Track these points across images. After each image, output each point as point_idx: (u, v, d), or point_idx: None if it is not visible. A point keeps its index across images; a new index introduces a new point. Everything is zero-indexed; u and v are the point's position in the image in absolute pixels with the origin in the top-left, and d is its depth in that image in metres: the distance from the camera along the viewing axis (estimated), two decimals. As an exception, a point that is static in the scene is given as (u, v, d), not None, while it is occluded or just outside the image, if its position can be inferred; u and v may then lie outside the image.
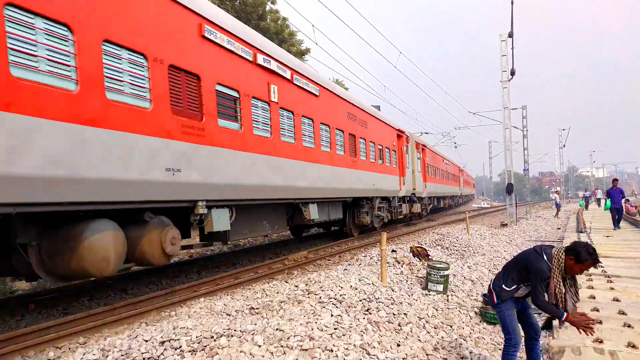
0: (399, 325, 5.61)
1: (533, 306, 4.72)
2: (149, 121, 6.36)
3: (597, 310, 5.88)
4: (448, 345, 5.35)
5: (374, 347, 4.76)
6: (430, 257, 9.12)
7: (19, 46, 4.88)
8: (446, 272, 7.32)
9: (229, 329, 4.81)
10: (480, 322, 6.52)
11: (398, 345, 5.07)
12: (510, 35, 20.12)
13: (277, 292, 6.54)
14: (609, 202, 16.89)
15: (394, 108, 33.00)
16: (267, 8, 25.22)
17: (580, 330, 3.81)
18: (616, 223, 16.81)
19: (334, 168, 12.96)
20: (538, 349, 4.44)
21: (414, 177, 22.56)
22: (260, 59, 9.10)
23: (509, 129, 21.59)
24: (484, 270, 9.50)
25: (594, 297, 6.47)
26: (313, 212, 11.80)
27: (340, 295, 6.07)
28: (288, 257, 11.61)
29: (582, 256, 3.75)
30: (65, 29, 5.32)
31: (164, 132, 6.61)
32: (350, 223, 15.79)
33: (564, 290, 3.88)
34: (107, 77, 5.79)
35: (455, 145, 47.80)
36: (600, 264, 3.84)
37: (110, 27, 5.87)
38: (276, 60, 9.78)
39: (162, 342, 4.54)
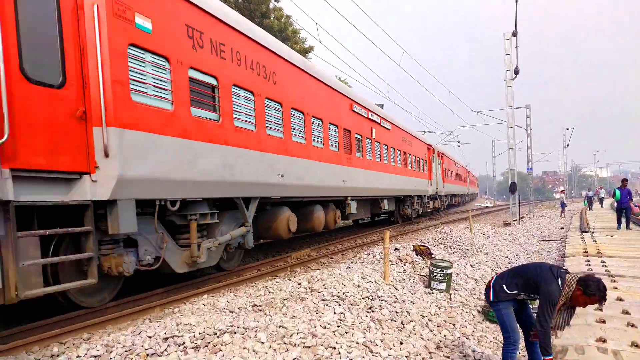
0: (402, 323, 5.61)
1: (532, 306, 4.73)
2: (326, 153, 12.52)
3: (601, 310, 5.86)
4: (451, 344, 5.35)
5: (377, 345, 4.76)
6: (433, 256, 9.11)
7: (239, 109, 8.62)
8: (449, 271, 7.32)
9: (232, 325, 4.82)
10: (483, 320, 6.52)
11: (401, 343, 5.07)
12: (514, 34, 20.02)
13: (280, 290, 6.55)
14: (618, 192, 16.36)
15: (397, 107, 33.00)
16: (271, 6, 25.20)
17: None
18: (620, 223, 16.51)
19: (397, 176, 19.72)
20: (537, 347, 4.44)
21: (437, 179, 28.78)
22: (370, 114, 16.14)
23: (512, 128, 21.51)
24: (487, 269, 9.49)
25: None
26: (384, 205, 18.81)
27: (343, 293, 6.07)
28: (291, 255, 11.63)
29: (591, 289, 3.71)
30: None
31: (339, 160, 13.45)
32: (397, 214, 22.57)
33: (564, 317, 3.92)
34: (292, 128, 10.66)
35: (459, 144, 47.78)
36: (604, 302, 3.79)
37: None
38: (375, 113, 16.87)
39: (166, 339, 4.56)
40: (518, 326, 4.32)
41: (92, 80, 5.54)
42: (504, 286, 4.22)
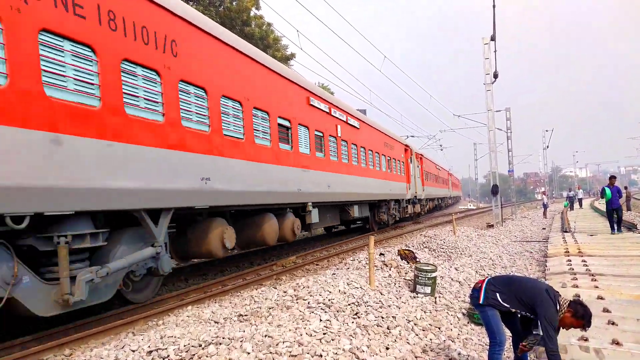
0: (388, 328, 5.62)
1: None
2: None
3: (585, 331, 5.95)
4: (437, 347, 5.38)
5: (363, 351, 4.76)
6: (417, 260, 9.16)
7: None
8: (434, 274, 7.36)
9: (217, 336, 4.77)
10: (468, 323, 6.56)
11: (387, 348, 5.08)
12: (493, 38, 20.35)
13: (266, 298, 6.51)
14: (608, 190, 14.53)
15: (379, 112, 33.26)
16: (252, 14, 25.22)
17: None
18: (614, 225, 14.80)
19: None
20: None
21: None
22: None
23: (493, 131, 21.82)
24: (471, 272, 9.57)
25: (578, 296, 6.55)
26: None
27: (329, 299, 6.06)
28: (276, 263, 11.59)
29: (579, 314, 3.85)
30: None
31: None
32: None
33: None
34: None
35: (441, 148, 48.22)
36: (588, 328, 3.89)
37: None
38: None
39: (150, 352, 4.50)
40: (504, 327, 4.33)
41: None
42: (498, 295, 4.15)
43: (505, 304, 4.12)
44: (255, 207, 10.29)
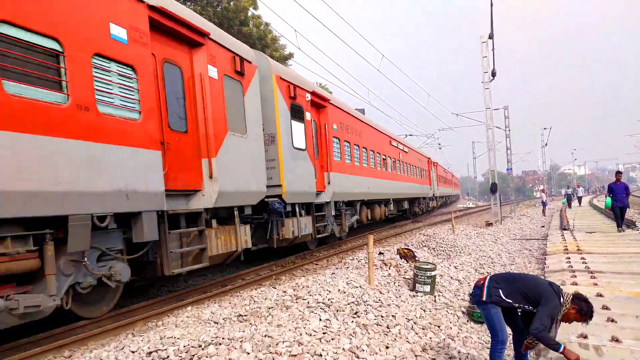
0: (388, 327, 5.63)
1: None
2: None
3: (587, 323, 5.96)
4: (436, 346, 5.38)
5: (363, 350, 4.76)
6: (417, 259, 9.17)
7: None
8: (433, 273, 7.37)
9: (217, 337, 4.77)
10: (467, 321, 6.56)
11: (387, 347, 5.08)
12: (491, 36, 20.36)
13: (265, 298, 6.51)
14: (609, 199, 14.24)
15: (378, 111, 33.41)
16: (249, 13, 25.19)
17: None
18: (621, 223, 14.13)
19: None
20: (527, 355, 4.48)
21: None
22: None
23: (491, 129, 21.83)
24: (470, 270, 9.58)
25: (578, 293, 6.56)
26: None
27: (329, 299, 6.07)
28: (276, 263, 11.59)
29: (584, 311, 3.96)
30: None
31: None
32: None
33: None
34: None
35: (440, 147, 48.27)
36: (589, 321, 3.96)
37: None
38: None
39: (149, 353, 4.50)
40: (506, 325, 4.33)
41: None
42: (501, 292, 4.15)
43: (509, 300, 4.13)
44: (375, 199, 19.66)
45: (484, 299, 4.24)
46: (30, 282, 5.26)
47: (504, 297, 4.15)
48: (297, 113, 11.85)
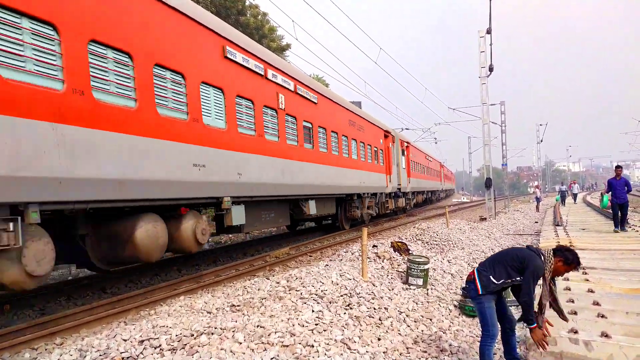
0: (380, 319, 5.65)
1: (509, 299, 4.80)
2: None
3: (573, 302, 6.01)
4: (428, 339, 5.41)
5: (355, 342, 4.79)
6: (410, 252, 9.20)
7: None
8: (426, 266, 7.40)
9: (210, 326, 4.78)
10: (459, 315, 6.61)
11: (379, 339, 5.11)
12: (489, 31, 20.31)
13: (259, 289, 6.52)
14: (606, 197, 13.35)
15: (374, 104, 33.31)
16: (247, 3, 25.01)
17: (536, 343, 4.13)
18: (619, 222, 12.98)
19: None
20: (514, 340, 4.52)
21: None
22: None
23: (487, 124, 21.85)
24: (463, 264, 9.63)
25: (569, 289, 6.61)
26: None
27: (322, 290, 6.08)
28: (270, 254, 11.59)
29: (570, 259, 4.10)
30: None
31: None
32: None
33: (555, 288, 4.21)
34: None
35: (436, 141, 48.31)
36: (580, 267, 4.08)
37: None
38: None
39: (141, 341, 4.50)
40: (497, 320, 4.37)
41: None
42: (491, 277, 4.20)
43: (501, 280, 4.18)
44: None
45: (480, 292, 4.25)
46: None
47: (495, 281, 4.20)
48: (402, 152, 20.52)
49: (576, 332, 4.91)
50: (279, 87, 11.10)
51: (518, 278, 4.15)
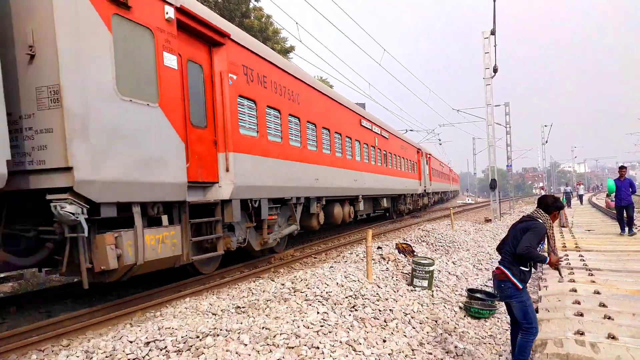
0: (385, 321, 5.64)
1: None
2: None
3: (579, 303, 5.99)
4: (433, 340, 5.40)
5: (360, 344, 4.78)
6: (415, 253, 9.18)
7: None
8: (431, 268, 7.38)
9: (215, 328, 4.79)
10: (464, 316, 6.59)
11: (384, 341, 5.10)
12: (493, 32, 20.28)
13: (263, 291, 6.52)
14: (610, 180, 12.68)
15: (378, 106, 33.38)
16: (251, 5, 25.09)
17: (555, 268, 4.40)
18: (624, 226, 12.57)
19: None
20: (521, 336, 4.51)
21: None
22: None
23: (492, 125, 21.80)
24: (468, 266, 9.60)
25: (575, 290, 6.58)
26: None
27: (327, 292, 6.08)
28: (274, 256, 11.60)
29: (554, 206, 4.43)
30: None
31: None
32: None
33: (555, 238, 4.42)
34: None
35: (440, 142, 48.21)
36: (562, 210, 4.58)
37: None
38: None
39: (147, 343, 4.51)
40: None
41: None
42: (521, 267, 4.21)
43: (528, 266, 4.26)
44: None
45: (521, 287, 4.19)
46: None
47: (525, 269, 4.23)
48: (426, 162, 30.26)
49: (582, 333, 4.89)
50: (376, 134, 20.07)
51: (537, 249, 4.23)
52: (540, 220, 4.31)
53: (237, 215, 8.73)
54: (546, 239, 4.35)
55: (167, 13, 7.01)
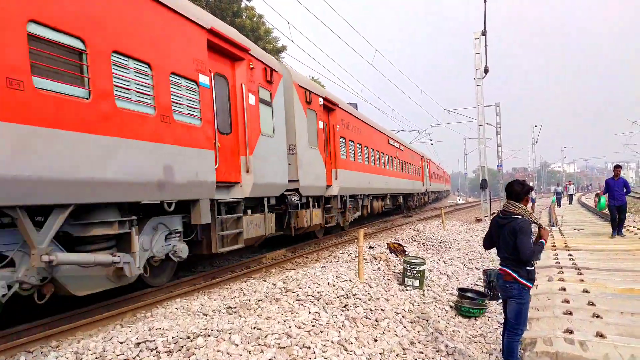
0: (376, 320, 5.66)
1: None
2: None
3: (568, 302, 6.05)
4: (424, 339, 5.42)
5: (352, 343, 4.79)
6: (406, 253, 9.22)
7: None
8: (422, 268, 7.41)
9: (206, 328, 4.77)
10: (455, 315, 6.62)
11: (375, 340, 5.11)
12: (484, 33, 20.41)
13: (255, 291, 6.51)
14: (604, 198, 12.12)
15: (370, 106, 33.44)
16: (243, 5, 25.02)
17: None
18: (617, 227, 12.24)
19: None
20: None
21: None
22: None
23: (482, 125, 21.94)
24: (459, 265, 9.66)
25: (564, 289, 6.65)
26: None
27: (318, 292, 6.08)
28: (266, 256, 11.59)
29: (527, 191, 4.42)
30: None
31: None
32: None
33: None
34: None
35: (431, 142, 48.41)
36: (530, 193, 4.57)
37: None
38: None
39: (138, 344, 4.48)
40: None
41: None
42: (527, 267, 4.18)
43: (530, 264, 4.23)
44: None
45: (531, 285, 4.21)
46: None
47: (529, 268, 4.21)
48: (427, 166, 34.36)
49: (571, 332, 4.94)
50: (396, 148, 26.07)
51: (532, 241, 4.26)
52: (520, 217, 4.22)
53: (336, 206, 15.13)
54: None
55: (320, 101, 13.87)
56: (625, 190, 11.74)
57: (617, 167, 12.17)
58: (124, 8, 6.21)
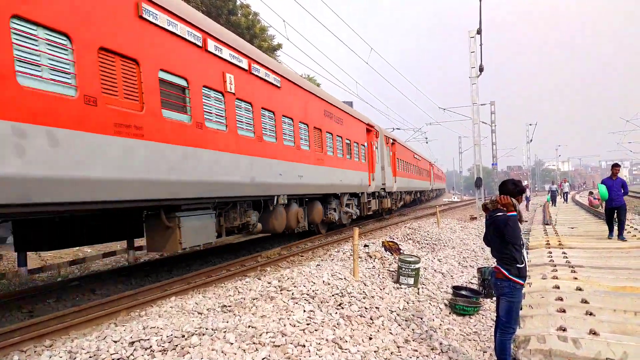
0: (371, 318, 5.67)
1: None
2: None
3: (561, 300, 6.07)
4: (419, 337, 5.44)
5: (346, 341, 4.80)
6: (401, 251, 9.24)
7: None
8: (417, 266, 7.43)
9: (201, 327, 4.76)
10: (450, 313, 6.65)
11: (370, 338, 5.12)
12: (479, 32, 20.46)
13: (250, 289, 6.51)
14: (602, 186, 11.10)
15: (366, 104, 33.54)
16: (238, 3, 24.94)
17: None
18: (613, 228, 11.34)
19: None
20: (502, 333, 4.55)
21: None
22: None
23: (477, 124, 22.00)
24: (453, 263, 9.69)
25: (558, 287, 6.67)
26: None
27: (313, 290, 6.08)
28: (261, 254, 11.58)
29: (516, 190, 4.37)
30: None
31: None
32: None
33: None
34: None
35: (427, 141, 48.55)
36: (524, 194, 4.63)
37: None
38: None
39: (132, 343, 4.47)
40: None
41: None
42: (518, 265, 4.20)
43: (522, 261, 4.25)
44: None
45: (522, 282, 4.24)
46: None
47: (520, 265, 4.23)
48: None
49: (565, 329, 4.96)
50: (417, 160, 36.22)
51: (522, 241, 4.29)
52: (501, 213, 4.27)
53: (396, 197, 27.07)
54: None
55: (375, 135, 21.56)
56: (623, 190, 10.97)
57: (616, 166, 11.23)
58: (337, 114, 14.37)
